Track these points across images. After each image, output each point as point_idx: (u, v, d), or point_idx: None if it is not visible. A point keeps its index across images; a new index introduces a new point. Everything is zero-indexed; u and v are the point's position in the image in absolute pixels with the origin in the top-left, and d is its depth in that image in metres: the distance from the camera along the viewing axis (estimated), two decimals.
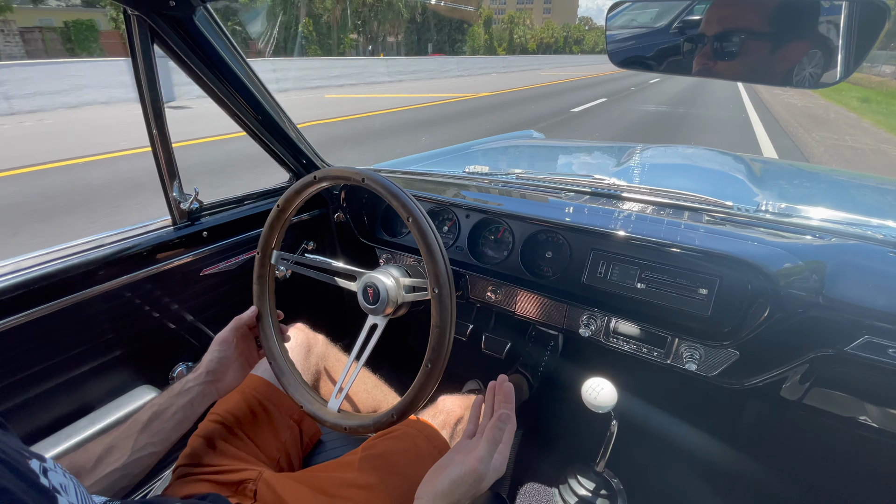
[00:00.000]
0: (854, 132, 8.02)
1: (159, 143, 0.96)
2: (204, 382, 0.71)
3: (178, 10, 0.84)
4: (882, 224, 0.99)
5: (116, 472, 0.60)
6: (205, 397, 0.71)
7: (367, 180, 0.67)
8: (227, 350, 0.75)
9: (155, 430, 0.64)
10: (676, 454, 1.21)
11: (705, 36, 0.68)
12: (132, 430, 0.63)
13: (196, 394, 0.70)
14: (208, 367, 0.72)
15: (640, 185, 1.12)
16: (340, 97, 11.63)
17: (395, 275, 0.75)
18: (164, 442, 0.65)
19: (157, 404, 0.67)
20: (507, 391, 0.65)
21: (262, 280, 0.81)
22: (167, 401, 0.67)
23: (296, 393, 0.77)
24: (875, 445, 0.83)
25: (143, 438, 0.63)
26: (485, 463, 0.56)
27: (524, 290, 1.07)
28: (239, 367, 0.78)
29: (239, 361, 0.78)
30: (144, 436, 0.63)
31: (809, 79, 0.65)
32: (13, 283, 0.80)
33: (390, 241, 1.29)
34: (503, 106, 10.73)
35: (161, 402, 0.67)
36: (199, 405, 0.70)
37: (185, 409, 0.68)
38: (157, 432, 0.64)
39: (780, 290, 0.76)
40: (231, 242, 1.15)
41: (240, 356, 0.78)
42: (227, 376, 0.75)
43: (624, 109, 10.39)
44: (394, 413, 0.67)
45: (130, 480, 0.62)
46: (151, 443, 0.63)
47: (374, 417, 0.69)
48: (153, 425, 0.64)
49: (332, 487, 0.70)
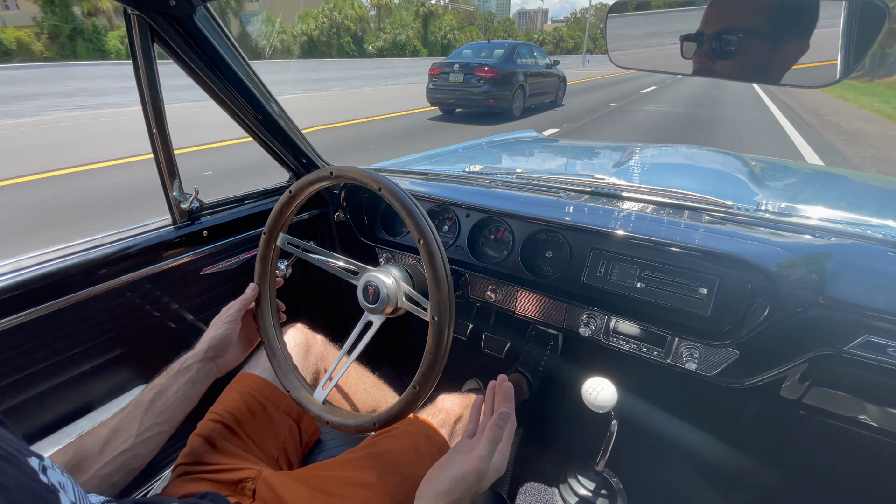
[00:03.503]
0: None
1: (159, 142, 0.96)
2: (203, 359, 0.71)
3: (179, 9, 0.84)
4: (882, 223, 0.99)
5: (126, 454, 0.60)
6: (206, 374, 0.72)
7: (384, 190, 0.66)
8: (231, 329, 0.75)
9: (159, 410, 0.65)
10: (676, 453, 1.21)
11: (704, 35, 0.68)
12: (136, 413, 0.64)
13: (196, 371, 0.70)
14: (210, 344, 0.73)
15: (640, 185, 1.12)
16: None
17: (395, 275, 0.75)
18: (170, 421, 0.66)
19: (157, 385, 0.67)
20: (506, 390, 0.65)
21: (265, 260, 0.81)
22: (167, 381, 0.68)
23: (284, 378, 0.77)
24: (875, 445, 0.83)
25: (148, 419, 0.63)
26: (485, 462, 0.56)
27: (524, 290, 1.07)
28: (240, 345, 0.79)
29: (240, 340, 0.79)
30: (149, 416, 0.64)
31: (809, 78, 0.66)
32: (13, 282, 0.80)
33: (390, 240, 1.29)
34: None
35: (162, 382, 0.68)
36: (200, 383, 0.70)
37: (187, 387, 0.68)
38: (161, 412, 0.65)
39: (779, 289, 0.76)
40: (231, 242, 1.15)
41: (241, 335, 0.79)
42: (227, 354, 0.75)
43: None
44: (375, 422, 0.68)
45: (141, 461, 0.62)
46: (157, 423, 0.64)
47: (356, 420, 0.70)
48: (156, 405, 0.65)
49: (331, 486, 0.71)
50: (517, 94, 8.12)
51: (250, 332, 0.82)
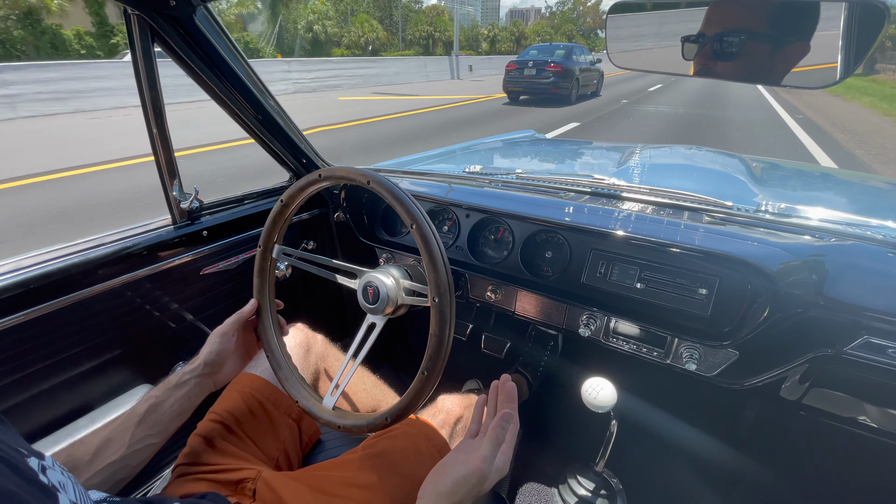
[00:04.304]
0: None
1: (159, 142, 0.96)
2: (201, 375, 0.71)
3: (179, 9, 0.84)
4: (881, 224, 0.99)
5: (115, 465, 0.60)
6: (202, 389, 0.72)
7: (373, 182, 0.67)
8: (226, 343, 0.75)
9: (153, 423, 0.64)
10: (676, 454, 1.21)
11: (705, 36, 0.68)
12: (129, 423, 0.63)
13: (193, 385, 0.70)
14: (207, 360, 0.73)
15: (639, 185, 1.12)
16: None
17: (395, 275, 0.75)
18: (163, 434, 0.65)
19: (153, 397, 0.67)
20: (509, 391, 0.65)
21: (262, 273, 0.81)
22: (164, 393, 0.68)
23: (292, 388, 0.77)
24: (875, 445, 0.83)
25: (141, 431, 0.63)
26: (488, 463, 0.56)
27: (524, 290, 1.07)
28: (237, 360, 0.78)
29: (238, 353, 0.78)
30: (142, 428, 0.63)
31: (810, 79, 0.66)
32: (13, 282, 0.80)
33: (390, 240, 1.29)
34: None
35: (158, 394, 0.68)
36: (195, 397, 0.70)
37: (183, 402, 0.68)
38: (154, 424, 0.65)
39: (779, 290, 0.76)
40: (231, 242, 1.15)
41: (239, 348, 0.78)
42: (224, 368, 0.75)
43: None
44: (388, 416, 0.67)
45: (129, 472, 0.62)
46: (150, 434, 0.64)
47: (367, 418, 0.69)
48: (151, 417, 0.65)
49: (331, 486, 0.71)
50: (574, 84, 10.67)
51: (249, 346, 0.82)
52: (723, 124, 8.08)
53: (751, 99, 11.91)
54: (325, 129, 7.29)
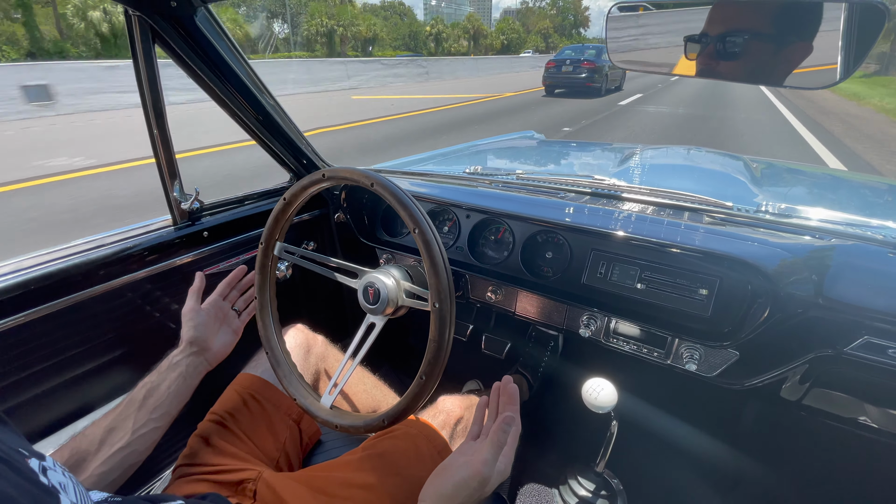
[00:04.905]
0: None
1: (160, 142, 0.96)
2: (190, 354, 0.72)
3: (179, 10, 0.84)
4: (882, 224, 0.99)
5: (123, 451, 0.61)
6: (196, 368, 0.73)
7: (376, 185, 0.67)
8: (197, 318, 0.76)
9: (153, 406, 0.65)
10: (676, 454, 1.21)
11: (708, 36, 0.68)
12: (130, 410, 0.64)
13: (185, 366, 0.71)
14: (188, 339, 0.74)
15: (640, 186, 1.12)
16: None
17: (396, 276, 0.75)
18: (165, 416, 0.66)
19: (149, 382, 0.68)
20: (511, 393, 0.65)
21: (263, 270, 0.82)
22: (158, 377, 0.69)
23: (290, 386, 0.77)
24: (875, 445, 0.83)
25: (143, 415, 0.64)
26: (489, 466, 0.56)
27: (524, 291, 1.07)
28: (225, 336, 0.80)
29: (219, 327, 0.79)
30: (143, 413, 0.64)
31: (810, 80, 0.66)
32: (13, 283, 0.80)
33: (391, 241, 1.29)
34: None
35: (152, 379, 0.69)
36: (191, 377, 0.71)
37: (178, 382, 0.69)
38: (155, 408, 0.65)
39: (779, 290, 0.76)
40: (231, 242, 1.15)
41: (216, 322, 0.79)
42: (211, 344, 0.76)
43: None
44: (385, 418, 0.67)
45: (138, 457, 0.63)
46: (152, 419, 0.65)
47: (365, 419, 0.69)
48: (149, 402, 0.66)
49: (331, 487, 0.70)
50: (604, 79, 12.86)
51: (229, 320, 0.82)
52: (747, 126, 7.99)
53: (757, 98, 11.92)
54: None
